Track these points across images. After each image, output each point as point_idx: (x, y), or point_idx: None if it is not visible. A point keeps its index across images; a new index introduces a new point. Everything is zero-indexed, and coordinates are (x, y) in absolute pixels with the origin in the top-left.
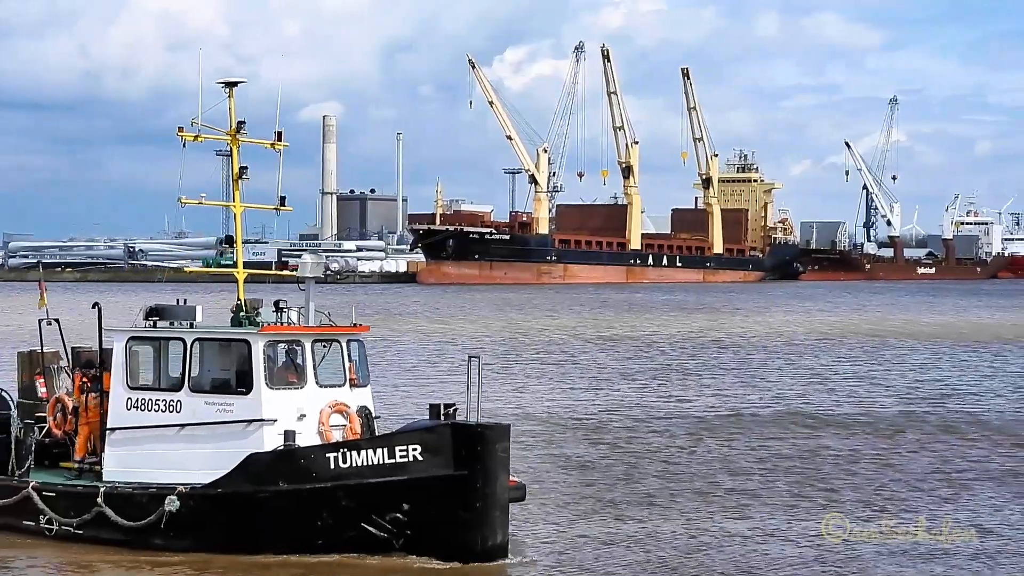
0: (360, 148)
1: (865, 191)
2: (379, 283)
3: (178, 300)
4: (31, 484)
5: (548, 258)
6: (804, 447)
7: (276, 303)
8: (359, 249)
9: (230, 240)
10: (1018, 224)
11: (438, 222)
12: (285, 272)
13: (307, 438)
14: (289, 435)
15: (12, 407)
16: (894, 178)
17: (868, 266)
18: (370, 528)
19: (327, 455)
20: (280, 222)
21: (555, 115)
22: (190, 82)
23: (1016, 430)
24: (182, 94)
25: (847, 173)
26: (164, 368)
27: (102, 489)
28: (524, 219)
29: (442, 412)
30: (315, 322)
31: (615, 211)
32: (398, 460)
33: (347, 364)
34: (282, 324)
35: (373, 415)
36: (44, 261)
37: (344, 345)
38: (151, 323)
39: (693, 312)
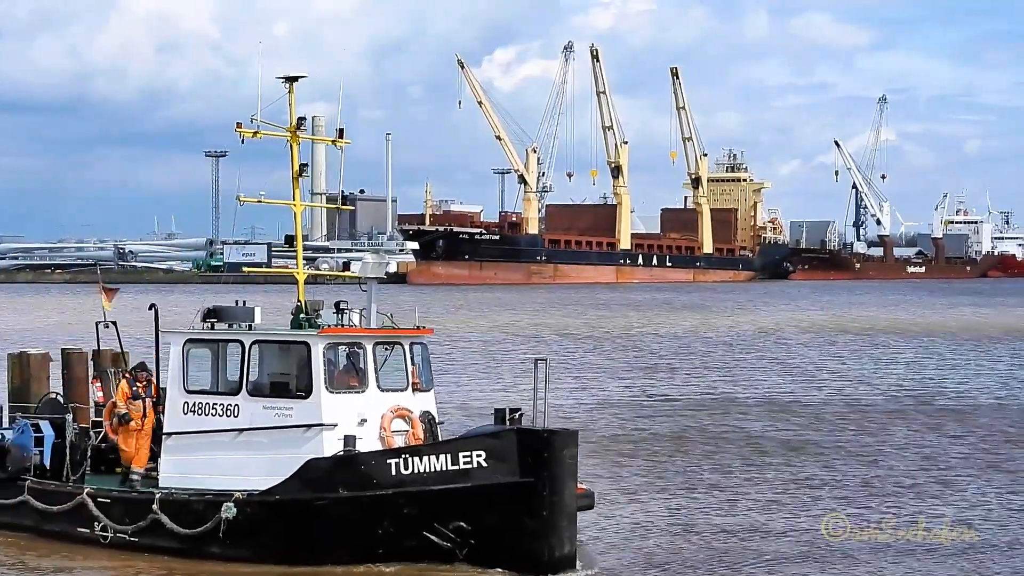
0: (350, 149)
1: (854, 190)
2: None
3: (236, 301)
4: (85, 490)
5: (538, 258)
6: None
7: (337, 304)
8: (349, 249)
9: (290, 239)
10: (1008, 223)
11: (428, 223)
12: (347, 273)
13: (368, 444)
14: (349, 440)
15: (67, 411)
16: (883, 177)
17: (858, 265)
18: (432, 537)
19: (388, 461)
20: (269, 222)
21: (544, 115)
22: (180, 83)
23: None
24: (172, 96)
25: (836, 173)
26: (222, 371)
27: (157, 496)
28: (514, 219)
29: (507, 417)
30: (377, 324)
31: (604, 211)
32: (462, 467)
33: (410, 368)
34: (343, 326)
35: (436, 420)
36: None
37: (407, 348)
38: (208, 325)
39: (722, 309)
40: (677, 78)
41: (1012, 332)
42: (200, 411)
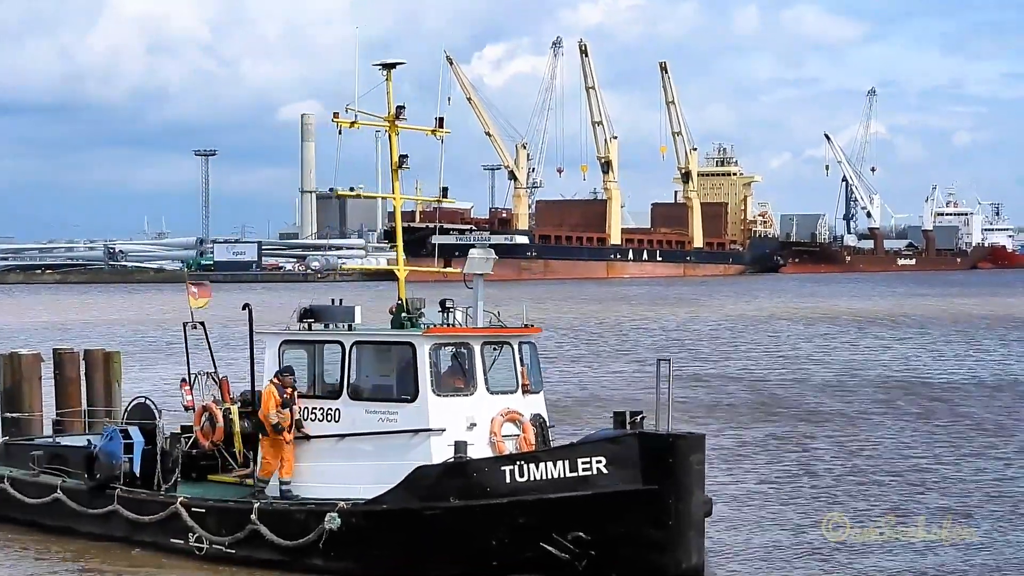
0: (341, 146)
1: (844, 183)
2: (359, 281)
3: (332, 300)
4: (179, 500)
5: (528, 254)
6: None
7: (442, 302)
8: (340, 247)
9: (390, 233)
10: (998, 214)
11: (418, 219)
12: (449, 269)
13: (478, 449)
14: (460, 446)
15: (158, 417)
16: (873, 170)
17: (848, 258)
18: (550, 548)
19: (502, 468)
20: (259, 221)
21: (534, 111)
22: (171, 84)
23: None
24: (162, 96)
25: (827, 167)
26: (319, 374)
27: (256, 505)
28: (504, 215)
29: (628, 420)
30: (483, 323)
31: (595, 206)
32: (581, 474)
33: (519, 368)
34: (449, 325)
35: (548, 424)
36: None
37: (516, 348)
38: (305, 325)
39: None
40: (666, 72)
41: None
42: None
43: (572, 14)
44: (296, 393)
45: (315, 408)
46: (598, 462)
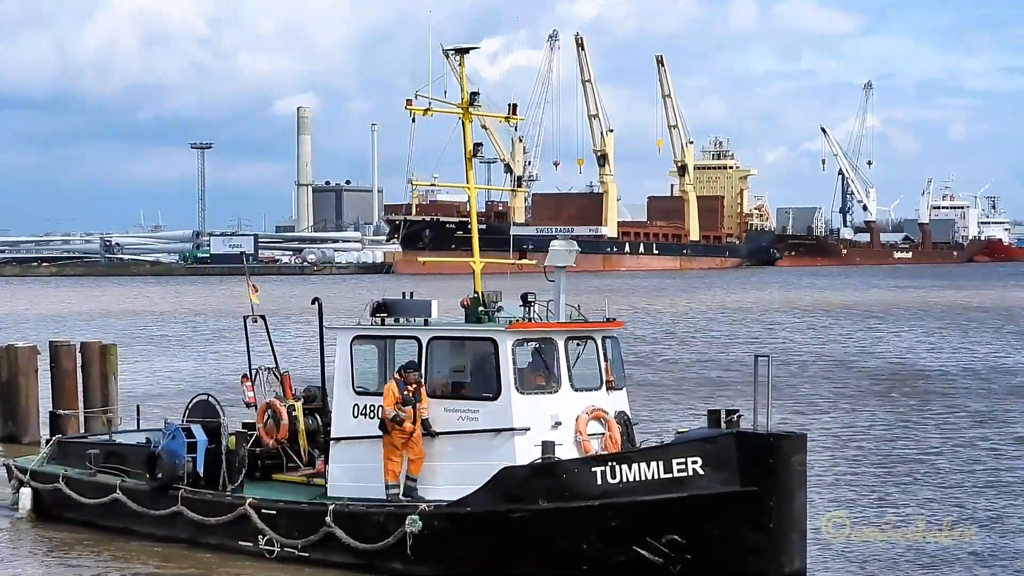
0: (336, 140)
1: (841, 176)
2: (356, 274)
3: (403, 293)
4: (248, 501)
5: (525, 247)
6: None
7: (524, 296)
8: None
9: (464, 224)
10: (994, 208)
11: (414, 212)
12: (523, 261)
13: (564, 449)
14: (548, 447)
15: (222, 415)
16: (869, 163)
17: (844, 251)
18: (643, 552)
19: (593, 469)
20: (255, 214)
21: (530, 104)
22: (167, 78)
23: None
24: (159, 89)
25: (823, 161)
26: (389, 370)
27: (331, 507)
28: (500, 209)
29: (724, 419)
30: (565, 317)
31: (591, 200)
32: (676, 475)
33: (603, 364)
34: (531, 320)
35: (632, 421)
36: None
37: (599, 343)
38: (378, 320)
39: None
40: (662, 66)
41: None
42: (372, 414)
43: (569, 7)
44: (422, 390)
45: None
46: (694, 463)
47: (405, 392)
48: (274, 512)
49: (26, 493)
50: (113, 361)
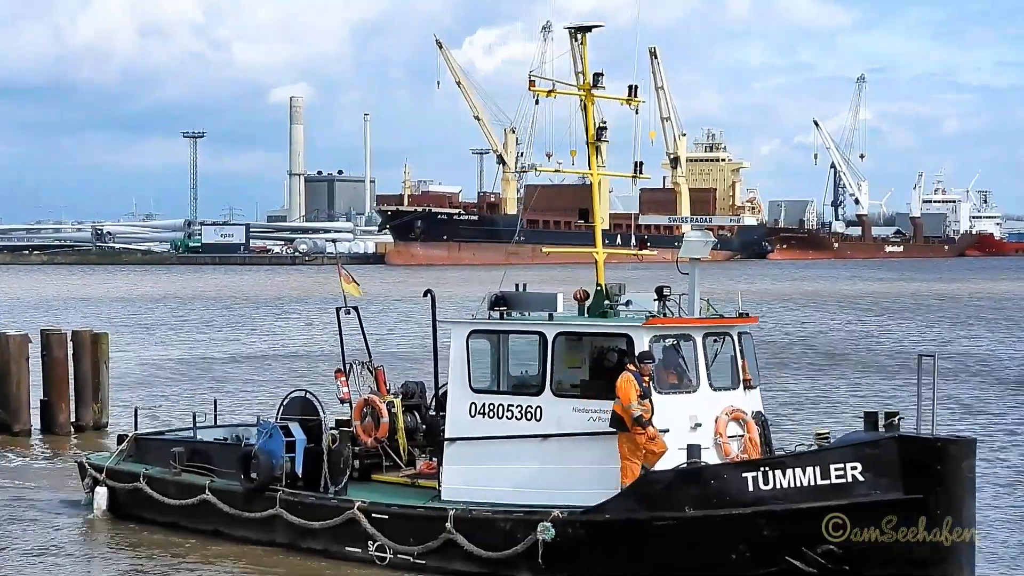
0: (329, 130)
1: (833, 170)
2: (348, 264)
3: (516, 286)
4: (356, 504)
5: (516, 238)
6: None
7: (659, 289)
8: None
9: (585, 214)
10: (986, 202)
11: (406, 203)
12: (645, 252)
13: (704, 453)
14: (694, 450)
15: (322, 412)
16: (862, 157)
17: (836, 244)
18: (797, 563)
19: (744, 475)
20: (247, 203)
21: (523, 95)
22: (162, 66)
23: None
24: (153, 78)
25: (815, 155)
26: (503, 367)
27: (451, 513)
28: (492, 200)
29: (882, 422)
30: (699, 312)
31: (583, 191)
32: (834, 481)
33: (739, 362)
34: (664, 315)
35: (768, 422)
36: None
37: (736, 339)
38: (497, 314)
39: None
40: (656, 58)
41: None
42: (492, 413)
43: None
44: (652, 383)
45: (511, 405)
46: (853, 469)
47: (643, 384)
48: (386, 516)
49: (102, 492)
50: (105, 349)
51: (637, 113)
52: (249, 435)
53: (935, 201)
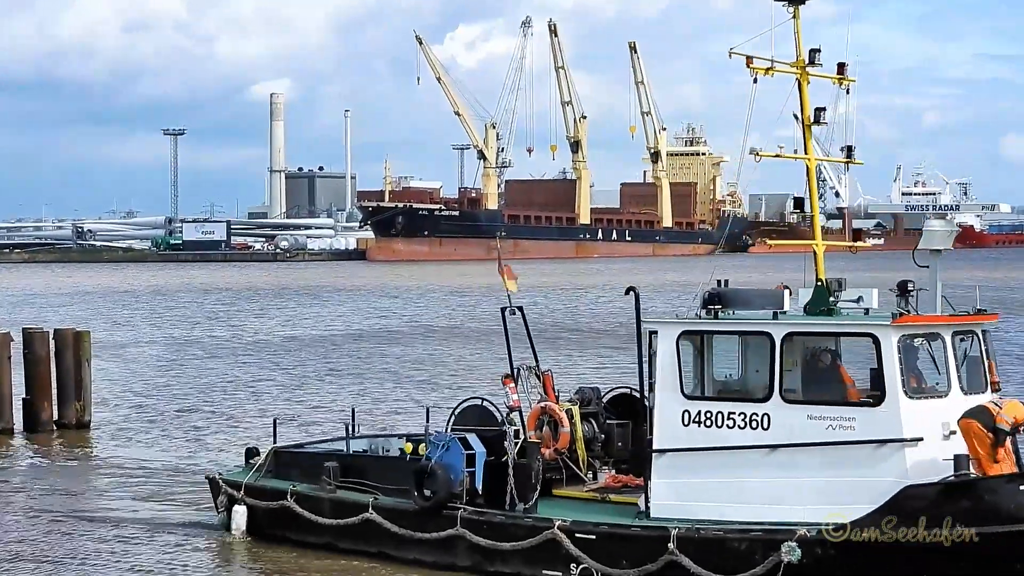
0: (310, 125)
1: None
2: (329, 260)
3: (719, 281)
4: (556, 523)
5: (497, 233)
6: None
7: (902, 284)
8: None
9: (799, 203)
10: (966, 194)
11: (387, 199)
12: (859, 244)
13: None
14: (962, 461)
15: (505, 423)
16: (842, 150)
17: None
18: None
19: (1022, 488)
20: (228, 200)
21: (503, 90)
22: (145, 63)
23: None
24: (136, 75)
25: (796, 149)
26: (707, 369)
27: (674, 532)
28: (473, 195)
29: None
30: (939, 309)
31: (564, 186)
32: None
33: (987, 362)
34: (906, 313)
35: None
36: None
37: (982, 337)
38: (710, 312)
39: None
40: (635, 52)
41: None
42: (709, 421)
43: None
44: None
45: (733, 412)
46: None
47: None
48: (593, 536)
49: (240, 511)
50: (87, 347)
51: (848, 93)
52: (389, 446)
53: (915, 194)
